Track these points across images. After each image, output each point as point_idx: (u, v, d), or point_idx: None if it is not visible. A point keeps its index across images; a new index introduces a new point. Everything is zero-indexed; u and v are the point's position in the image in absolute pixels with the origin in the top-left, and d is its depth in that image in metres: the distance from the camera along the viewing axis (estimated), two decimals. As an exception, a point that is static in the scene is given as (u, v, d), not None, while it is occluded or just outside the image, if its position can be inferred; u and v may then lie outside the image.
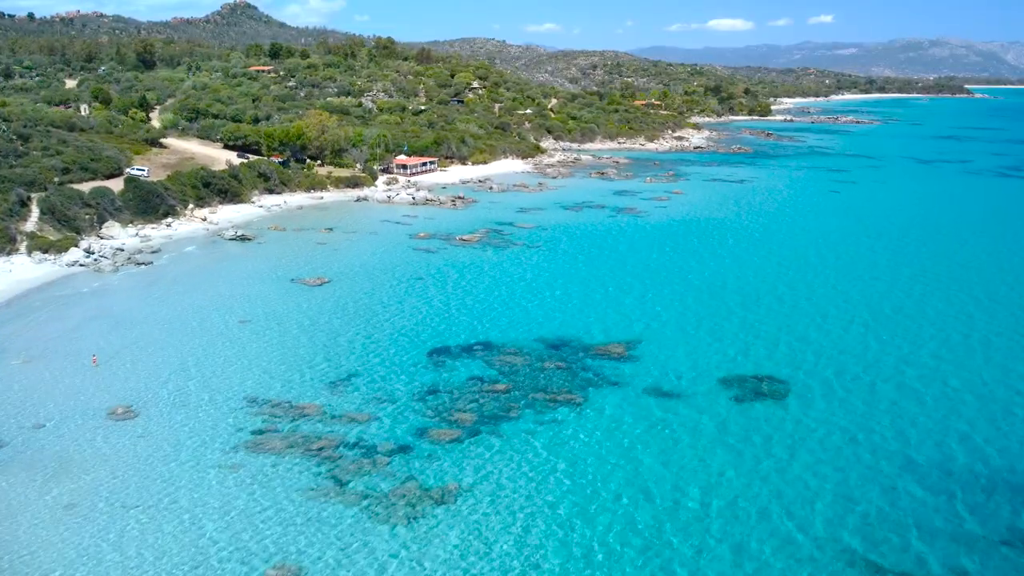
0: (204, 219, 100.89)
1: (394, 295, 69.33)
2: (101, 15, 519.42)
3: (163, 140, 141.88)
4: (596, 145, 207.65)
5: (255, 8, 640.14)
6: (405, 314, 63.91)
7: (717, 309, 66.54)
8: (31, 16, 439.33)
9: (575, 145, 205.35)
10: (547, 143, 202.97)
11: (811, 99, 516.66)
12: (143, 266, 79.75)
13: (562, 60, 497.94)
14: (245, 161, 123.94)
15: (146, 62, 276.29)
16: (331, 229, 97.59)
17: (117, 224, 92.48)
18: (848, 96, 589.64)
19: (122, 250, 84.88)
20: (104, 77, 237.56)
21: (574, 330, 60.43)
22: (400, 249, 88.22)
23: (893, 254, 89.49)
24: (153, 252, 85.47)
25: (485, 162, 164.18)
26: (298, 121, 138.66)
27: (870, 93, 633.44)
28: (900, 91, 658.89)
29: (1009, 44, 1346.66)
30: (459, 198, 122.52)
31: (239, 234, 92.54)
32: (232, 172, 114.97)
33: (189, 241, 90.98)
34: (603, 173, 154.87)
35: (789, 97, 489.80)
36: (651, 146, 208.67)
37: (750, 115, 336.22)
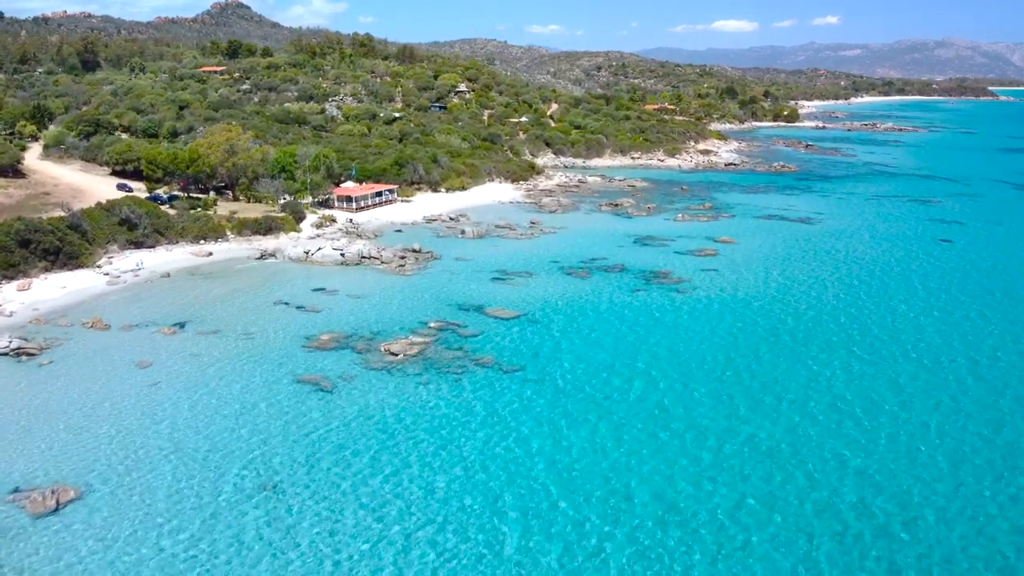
0: (-7, 304, 63.48)
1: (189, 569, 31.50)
2: (89, 15, 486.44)
3: (22, 165, 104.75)
4: (605, 161, 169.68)
5: (248, 8, 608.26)
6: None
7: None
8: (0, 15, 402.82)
9: (579, 161, 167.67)
10: (545, 158, 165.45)
11: (831, 102, 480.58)
12: None
13: (565, 61, 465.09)
14: (104, 202, 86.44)
15: (87, 63, 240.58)
16: (182, 325, 59.81)
17: None
18: (868, 99, 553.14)
19: None
20: (20, 81, 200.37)
21: None
22: (273, 380, 50.41)
23: None
24: None
25: (463, 187, 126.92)
26: (197, 140, 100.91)
27: (889, 95, 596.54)
28: (920, 93, 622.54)
29: (1015, 45, 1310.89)
30: (412, 252, 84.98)
31: (15, 346, 54.79)
32: (71, 222, 77.40)
33: (-72, 357, 53.52)
34: (617, 205, 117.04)
35: (807, 100, 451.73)
36: (672, 162, 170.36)
37: (775, 121, 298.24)
